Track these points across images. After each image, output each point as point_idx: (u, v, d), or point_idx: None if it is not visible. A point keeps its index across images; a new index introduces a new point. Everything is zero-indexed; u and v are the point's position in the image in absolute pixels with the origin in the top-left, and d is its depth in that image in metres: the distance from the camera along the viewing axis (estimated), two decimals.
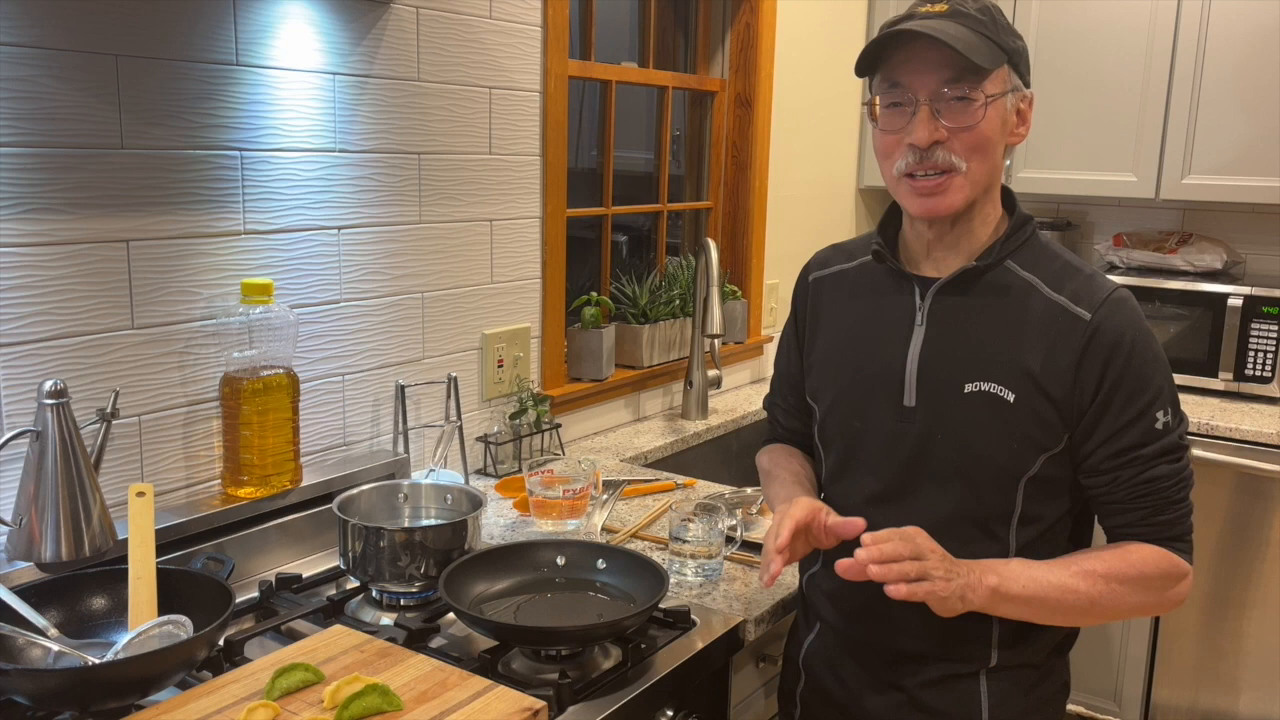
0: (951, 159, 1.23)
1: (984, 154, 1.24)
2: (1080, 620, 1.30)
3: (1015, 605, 1.23)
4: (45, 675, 1.14)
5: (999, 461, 1.27)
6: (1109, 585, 1.23)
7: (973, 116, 1.22)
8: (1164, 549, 1.26)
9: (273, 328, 1.57)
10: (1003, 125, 1.25)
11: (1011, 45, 1.25)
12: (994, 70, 1.22)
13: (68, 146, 1.38)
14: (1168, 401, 1.26)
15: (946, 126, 1.22)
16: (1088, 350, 1.23)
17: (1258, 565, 2.68)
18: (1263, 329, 2.80)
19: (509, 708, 1.12)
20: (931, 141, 1.22)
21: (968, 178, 1.24)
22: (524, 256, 2.13)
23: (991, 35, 1.22)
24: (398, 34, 1.79)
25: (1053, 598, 1.22)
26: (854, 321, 1.39)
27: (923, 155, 1.23)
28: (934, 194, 1.25)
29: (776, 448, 1.57)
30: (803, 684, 1.48)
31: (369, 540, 1.45)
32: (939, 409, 1.29)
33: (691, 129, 2.87)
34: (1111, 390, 1.23)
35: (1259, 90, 2.79)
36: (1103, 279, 1.29)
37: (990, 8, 1.25)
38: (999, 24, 1.25)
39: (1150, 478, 1.25)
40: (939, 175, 1.24)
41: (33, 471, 1.28)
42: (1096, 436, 1.25)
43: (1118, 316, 1.24)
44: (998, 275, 1.30)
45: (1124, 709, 2.88)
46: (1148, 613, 1.31)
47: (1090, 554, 1.28)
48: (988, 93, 1.22)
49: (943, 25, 1.20)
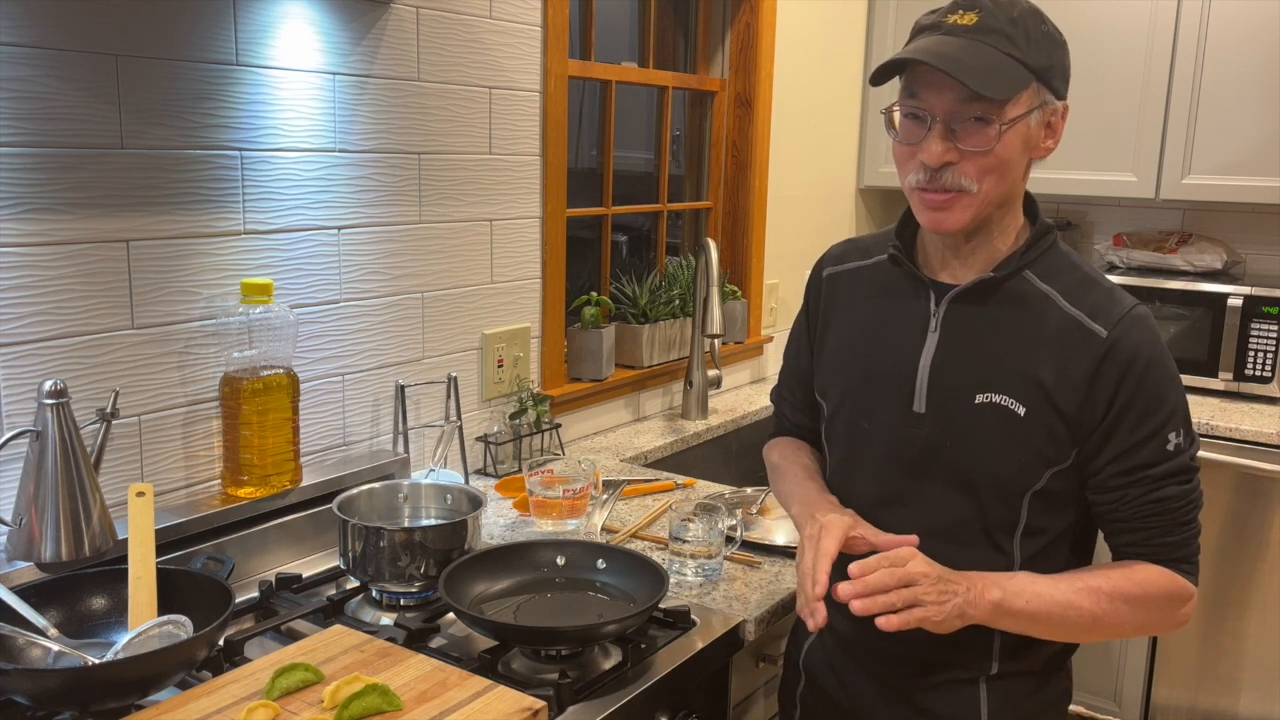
0: (961, 181, 1.20)
1: (999, 176, 1.21)
2: (1081, 636, 1.29)
3: (1017, 621, 1.22)
4: (45, 675, 1.14)
5: (1006, 474, 1.26)
6: (1113, 604, 1.22)
7: (988, 141, 1.18)
8: (1169, 570, 1.25)
9: (273, 328, 1.57)
10: (1024, 144, 1.22)
11: (1042, 62, 1.20)
12: (1019, 94, 1.18)
13: (68, 146, 1.38)
14: (1180, 423, 1.24)
15: (960, 148, 1.19)
16: (1102, 366, 1.21)
17: (1258, 565, 2.68)
18: (1263, 329, 2.80)
19: (509, 708, 1.12)
20: (942, 163, 1.19)
21: (977, 198, 1.21)
22: (524, 256, 2.13)
23: (1020, 53, 1.17)
24: (398, 34, 1.79)
25: (1055, 614, 1.21)
26: (867, 322, 1.38)
27: (933, 174, 1.21)
28: (941, 209, 1.23)
29: (785, 442, 1.55)
30: (803, 685, 1.48)
31: (369, 540, 1.45)
32: (948, 417, 1.28)
33: (691, 129, 2.87)
34: (1124, 408, 1.21)
35: (1259, 90, 2.79)
36: (1122, 295, 1.26)
37: (1025, 16, 1.19)
38: (1032, 37, 1.19)
39: (1158, 498, 1.23)
40: (948, 193, 1.21)
41: (33, 471, 1.28)
42: (1106, 453, 1.23)
43: (1135, 334, 1.22)
44: (1015, 285, 1.27)
45: (1124, 709, 2.88)
46: (1150, 632, 1.30)
47: (1096, 571, 1.26)
48: (1008, 116, 1.18)
49: (963, 48, 1.16)
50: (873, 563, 1.16)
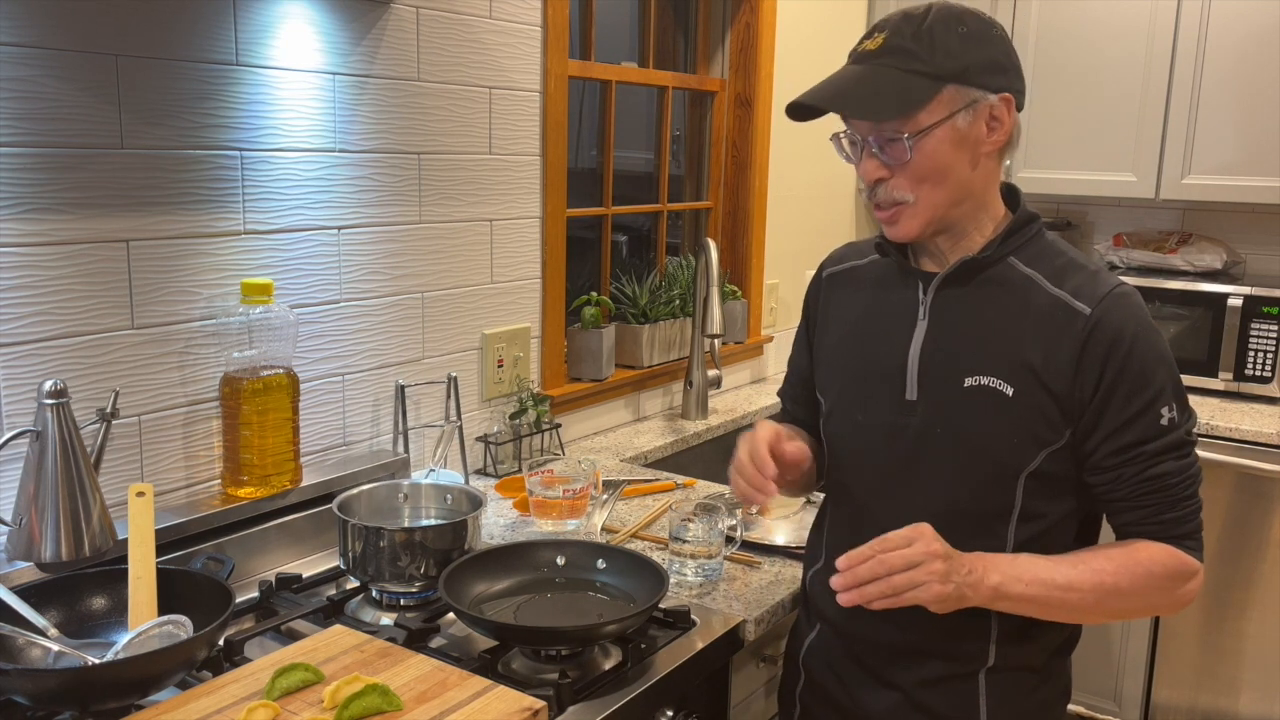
0: (894, 195, 1.27)
1: (934, 182, 1.26)
2: (1086, 618, 1.30)
3: (1018, 604, 1.23)
4: (45, 675, 1.14)
5: (998, 455, 1.27)
6: (1116, 584, 1.23)
7: (902, 154, 1.24)
8: (1172, 547, 1.25)
9: (273, 328, 1.57)
10: (957, 145, 1.24)
11: (958, 64, 1.22)
12: (918, 109, 1.22)
13: (68, 146, 1.38)
14: (1172, 398, 1.25)
15: (886, 164, 1.26)
16: (1088, 345, 1.23)
17: (1258, 565, 2.68)
18: (1263, 329, 2.80)
19: (509, 708, 1.12)
20: (875, 179, 1.28)
21: (919, 207, 1.27)
22: (524, 256, 2.13)
23: (923, 65, 1.21)
24: (398, 34, 1.79)
25: (1056, 597, 1.22)
26: (860, 315, 1.41)
27: (871, 191, 1.30)
28: (891, 223, 1.30)
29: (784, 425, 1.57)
30: (802, 683, 1.48)
31: (369, 540, 1.45)
32: (939, 402, 1.30)
33: (691, 129, 2.87)
34: (1112, 385, 1.23)
35: (1259, 91, 2.79)
36: (1107, 275, 1.29)
37: (935, 25, 1.22)
38: (939, 45, 1.21)
39: (1155, 474, 1.24)
40: (892, 207, 1.29)
41: (33, 471, 1.28)
42: (1099, 433, 1.25)
43: (1119, 312, 1.24)
44: (1000, 271, 1.30)
45: (1124, 709, 2.88)
46: (1156, 613, 1.31)
47: (1098, 551, 1.27)
48: (920, 126, 1.22)
49: (854, 77, 1.24)
50: (859, 554, 1.18)
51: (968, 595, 1.19)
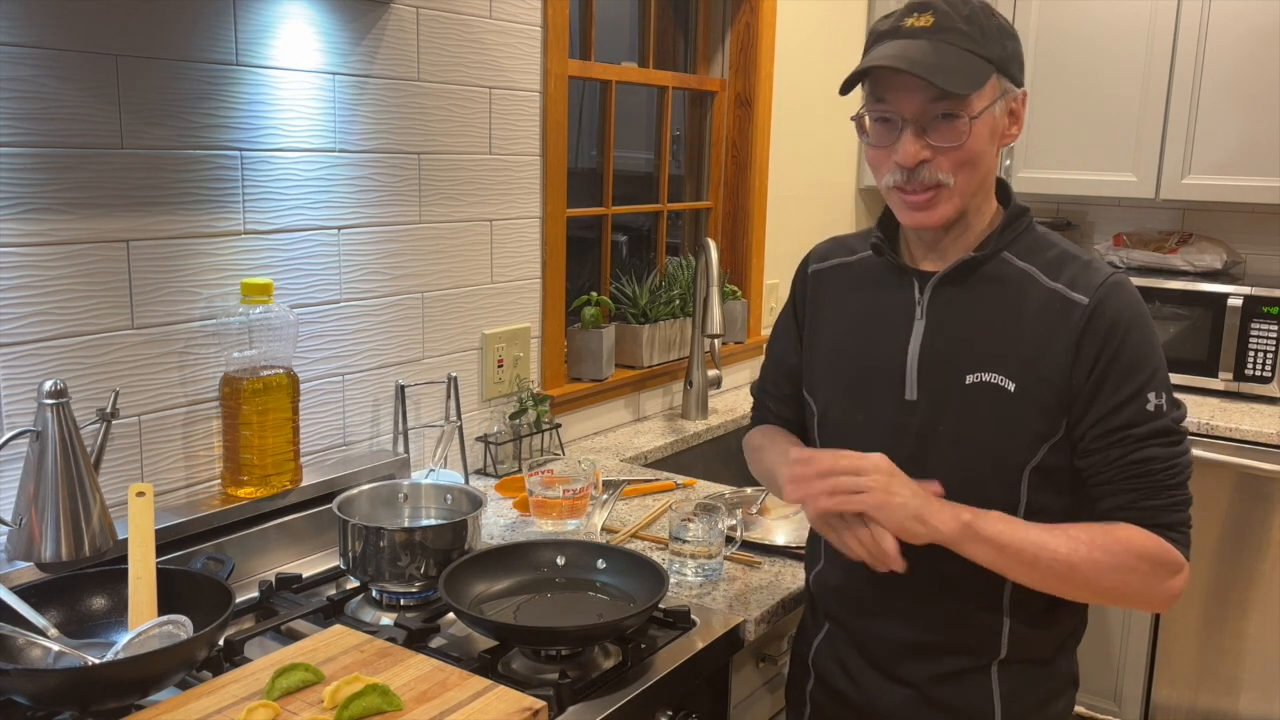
0: (938, 176, 1.24)
1: (973, 167, 1.25)
2: (1058, 586, 1.25)
3: (988, 549, 1.21)
4: (45, 675, 1.14)
5: (1001, 452, 1.27)
6: (1090, 553, 1.21)
7: (959, 136, 1.22)
8: (1155, 534, 1.23)
9: (273, 328, 1.57)
10: (991, 134, 1.25)
11: (1000, 53, 1.23)
12: (980, 90, 1.21)
13: (68, 146, 1.38)
14: (1160, 385, 1.25)
15: (932, 145, 1.23)
16: (1085, 333, 1.24)
17: (1258, 565, 2.68)
18: (1263, 329, 2.80)
19: (509, 708, 1.12)
20: (918, 161, 1.23)
21: (956, 190, 1.25)
22: (524, 256, 2.13)
23: (978, 49, 1.21)
24: (398, 34, 1.79)
25: (1029, 552, 1.21)
26: (855, 316, 1.40)
27: (910, 174, 1.25)
28: (923, 209, 1.27)
29: (769, 427, 1.56)
30: (812, 682, 1.48)
31: (369, 540, 1.45)
32: (941, 401, 1.30)
33: (691, 129, 2.87)
34: (1106, 370, 1.24)
35: (1258, 90, 2.79)
36: (1100, 264, 1.30)
37: (978, 12, 1.23)
38: (987, 31, 1.23)
39: (1140, 458, 1.23)
40: (927, 191, 1.25)
41: (33, 471, 1.28)
42: (1090, 416, 1.25)
43: (1115, 299, 1.25)
44: (995, 266, 1.31)
45: (1124, 709, 2.88)
46: (1138, 600, 1.28)
47: (1077, 524, 1.26)
48: (975, 110, 1.21)
49: (927, 49, 1.20)
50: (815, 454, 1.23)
51: (930, 521, 1.18)
